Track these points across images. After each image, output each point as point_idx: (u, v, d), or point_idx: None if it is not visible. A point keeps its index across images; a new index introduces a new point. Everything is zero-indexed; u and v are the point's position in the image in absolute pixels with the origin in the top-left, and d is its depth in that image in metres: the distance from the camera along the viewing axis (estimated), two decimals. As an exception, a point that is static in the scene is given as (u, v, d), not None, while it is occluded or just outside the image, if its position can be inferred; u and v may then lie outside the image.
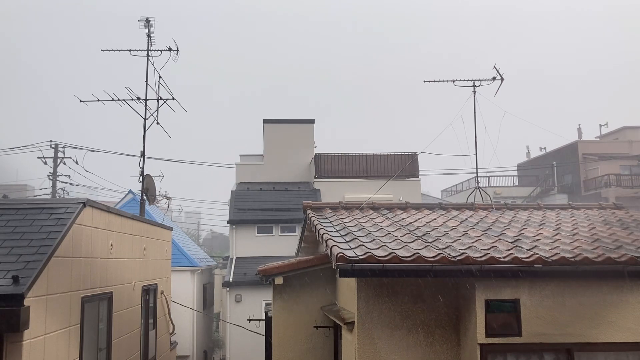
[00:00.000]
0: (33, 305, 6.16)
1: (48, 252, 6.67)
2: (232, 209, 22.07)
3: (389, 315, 6.11)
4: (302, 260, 8.79)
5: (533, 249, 5.99)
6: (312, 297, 8.66)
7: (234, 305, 19.51)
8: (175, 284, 16.26)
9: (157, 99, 13.85)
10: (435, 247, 6.07)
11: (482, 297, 5.69)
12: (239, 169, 25.94)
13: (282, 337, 8.61)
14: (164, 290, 13.70)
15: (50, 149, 26.97)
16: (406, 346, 6.09)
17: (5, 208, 7.60)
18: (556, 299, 5.74)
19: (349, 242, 6.38)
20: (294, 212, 21.04)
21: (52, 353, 6.76)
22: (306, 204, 9.22)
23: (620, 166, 35.69)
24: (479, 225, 7.66)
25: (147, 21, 13.95)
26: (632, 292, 5.81)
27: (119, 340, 9.57)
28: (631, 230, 7.38)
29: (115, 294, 9.35)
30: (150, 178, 14.46)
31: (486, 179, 39.46)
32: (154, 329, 12.59)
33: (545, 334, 5.69)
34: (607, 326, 5.75)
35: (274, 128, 26.23)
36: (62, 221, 7.33)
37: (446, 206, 9.34)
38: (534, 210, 9.23)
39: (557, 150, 39.75)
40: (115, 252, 9.41)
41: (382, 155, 24.47)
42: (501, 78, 10.42)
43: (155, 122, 13.80)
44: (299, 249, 10.93)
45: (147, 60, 13.84)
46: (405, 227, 7.38)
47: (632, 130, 39.45)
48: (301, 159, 25.79)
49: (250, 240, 21.51)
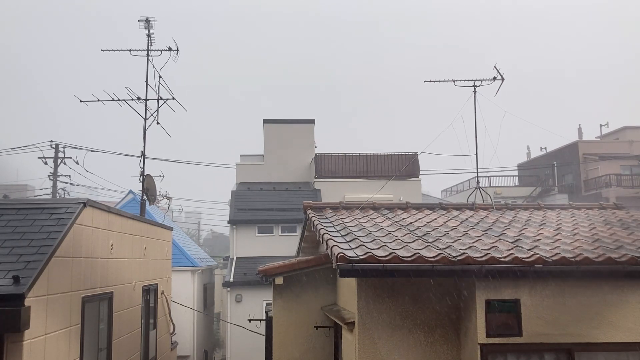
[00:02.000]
0: (33, 305, 6.16)
1: (48, 252, 6.67)
2: (233, 209, 22.08)
3: (390, 315, 6.11)
4: (303, 261, 8.79)
5: (533, 249, 5.99)
6: (313, 297, 8.66)
7: (234, 305, 19.52)
8: (175, 284, 16.26)
9: (157, 99, 13.85)
10: (435, 247, 6.07)
11: (483, 297, 5.69)
12: (240, 169, 25.95)
13: (283, 337, 8.61)
14: (165, 290, 13.71)
15: (51, 149, 26.98)
16: (406, 346, 6.09)
17: (6, 208, 7.60)
18: (556, 299, 5.74)
19: (350, 242, 6.38)
20: (294, 212, 21.05)
21: (52, 353, 6.76)
22: (306, 204, 9.22)
23: (620, 166, 35.67)
24: (480, 225, 7.66)
25: (147, 21, 13.95)
26: (632, 292, 5.81)
27: (119, 340, 9.57)
28: (632, 231, 7.38)
29: (116, 294, 9.35)
30: (151, 178, 14.46)
31: (486, 179, 39.46)
32: (154, 329, 12.59)
33: (545, 334, 5.69)
34: (608, 326, 5.75)
35: (274, 128, 26.24)
36: (62, 221, 7.33)
37: (447, 206, 9.34)
38: (535, 210, 9.23)
39: (557, 150, 39.73)
40: (115, 252, 9.41)
41: (382, 155, 24.48)
42: (502, 78, 10.41)
43: (156, 122, 13.81)
44: (300, 249, 10.93)
45: (147, 60, 13.85)
46: (405, 227, 7.38)
47: (633, 130, 39.42)
48: (301, 159, 25.80)
49: (250, 240, 21.52)
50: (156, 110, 13.80)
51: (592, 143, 39.12)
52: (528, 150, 45.65)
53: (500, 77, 10.42)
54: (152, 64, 13.79)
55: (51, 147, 26.92)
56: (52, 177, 27.22)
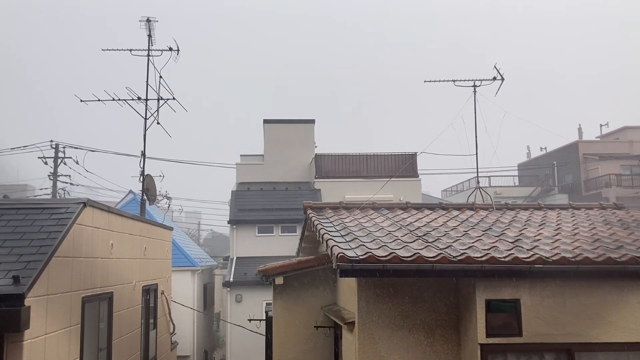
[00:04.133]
0: (33, 305, 6.16)
1: (48, 252, 6.67)
2: (233, 209, 22.08)
3: (390, 315, 6.11)
4: (303, 260, 8.79)
5: (533, 249, 5.98)
6: (313, 297, 8.67)
7: (234, 305, 19.52)
8: (175, 284, 16.25)
9: (158, 99, 13.86)
10: (435, 247, 6.07)
11: (483, 297, 5.70)
12: (240, 169, 25.95)
13: (283, 337, 8.61)
14: (165, 290, 13.71)
15: (51, 149, 26.97)
16: (407, 346, 6.09)
17: (6, 208, 7.60)
18: (556, 299, 5.74)
19: (350, 242, 6.38)
20: (294, 212, 21.03)
21: (52, 353, 6.76)
22: (306, 204, 9.22)
23: (620, 166, 35.70)
24: (480, 225, 7.66)
25: (148, 21, 13.96)
26: (633, 292, 5.81)
27: (119, 340, 9.57)
28: (632, 230, 7.38)
29: (116, 294, 9.35)
30: (151, 178, 14.46)
31: (487, 179, 39.49)
32: (154, 329, 12.59)
33: (545, 334, 5.69)
34: (608, 326, 5.75)
35: (274, 128, 26.24)
36: (62, 221, 7.33)
37: (447, 206, 9.34)
38: (535, 210, 9.22)
39: (557, 150, 39.75)
40: (115, 252, 9.41)
41: (382, 155, 24.47)
42: (502, 78, 10.41)
43: (156, 122, 13.82)
44: (300, 249, 10.93)
45: (148, 60, 13.85)
46: (405, 227, 7.38)
47: (633, 130, 39.45)
48: (301, 159, 25.79)
49: (250, 240, 21.52)
50: (156, 110, 13.82)
51: (592, 143, 39.14)
52: (528, 150, 45.72)
53: (500, 77, 10.42)
54: (152, 64, 13.81)
55: (51, 147, 26.92)
56: (52, 177, 27.21)
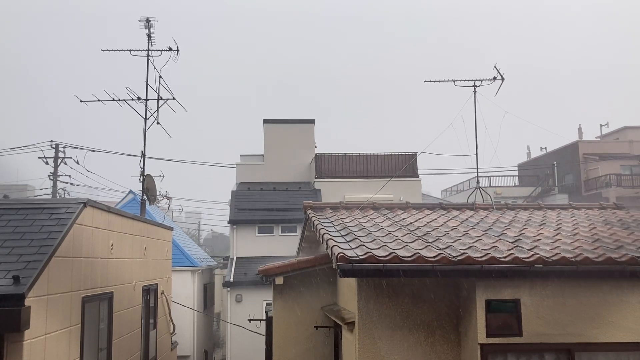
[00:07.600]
0: (34, 305, 6.16)
1: (49, 252, 6.67)
2: (233, 209, 22.07)
3: (390, 315, 6.11)
4: (303, 260, 8.79)
5: (533, 249, 5.98)
6: (313, 297, 8.66)
7: (234, 305, 19.52)
8: (175, 284, 16.26)
9: (158, 99, 13.86)
10: (435, 247, 6.07)
11: (483, 297, 5.70)
12: (240, 169, 25.94)
13: (283, 337, 8.61)
14: (165, 290, 13.71)
15: (51, 149, 26.96)
16: (407, 346, 6.09)
17: (6, 208, 7.60)
18: (557, 299, 5.74)
19: (350, 242, 6.38)
20: (294, 212, 21.02)
21: (52, 353, 6.76)
22: (307, 204, 9.22)
23: (620, 166, 35.69)
24: (480, 225, 7.66)
25: (148, 21, 13.96)
26: (633, 292, 5.81)
27: (119, 340, 9.57)
28: (632, 230, 7.38)
29: (116, 294, 9.35)
30: (151, 178, 14.46)
31: (487, 179, 39.48)
32: (154, 329, 12.59)
33: (545, 334, 5.69)
34: (608, 326, 5.75)
35: (274, 128, 26.23)
36: (62, 221, 7.33)
37: (447, 206, 9.34)
38: (535, 210, 9.22)
39: (557, 150, 39.74)
40: (115, 252, 9.41)
41: (382, 155, 24.45)
42: (502, 78, 10.41)
43: (156, 122, 13.82)
44: (300, 249, 10.93)
45: (148, 60, 13.85)
46: (405, 227, 7.38)
47: (633, 130, 39.44)
48: (302, 159, 25.78)
49: (250, 240, 21.51)
50: (156, 110, 13.82)
51: (592, 143, 39.14)
52: (528, 150, 45.72)
53: (500, 77, 10.43)
54: (152, 64, 13.81)
55: (51, 147, 26.92)
56: (52, 177, 27.21)
